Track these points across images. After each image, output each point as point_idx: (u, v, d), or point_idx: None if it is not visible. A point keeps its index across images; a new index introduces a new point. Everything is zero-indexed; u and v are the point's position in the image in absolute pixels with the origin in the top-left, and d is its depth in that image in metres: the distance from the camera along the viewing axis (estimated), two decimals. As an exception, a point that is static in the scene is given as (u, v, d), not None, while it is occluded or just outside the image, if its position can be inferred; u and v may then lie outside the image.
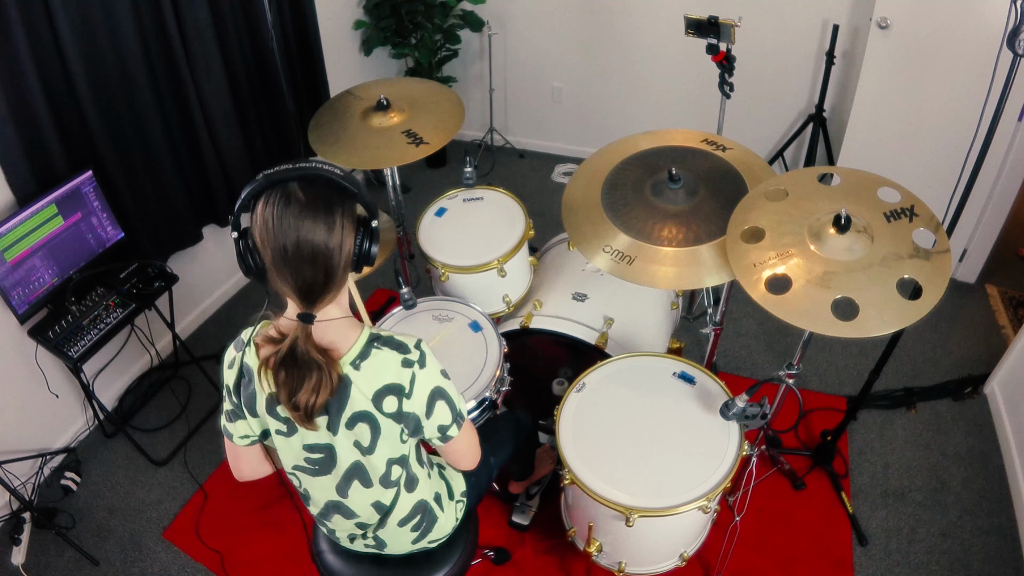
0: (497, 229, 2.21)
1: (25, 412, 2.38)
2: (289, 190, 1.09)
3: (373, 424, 1.20)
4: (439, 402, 1.24)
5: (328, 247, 1.10)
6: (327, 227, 1.09)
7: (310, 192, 1.09)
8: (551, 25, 3.71)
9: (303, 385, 1.12)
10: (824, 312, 1.44)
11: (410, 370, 1.19)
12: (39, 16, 2.06)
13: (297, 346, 1.12)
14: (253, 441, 1.31)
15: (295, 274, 1.10)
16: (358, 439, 1.22)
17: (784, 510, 2.21)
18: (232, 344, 1.26)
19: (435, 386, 1.24)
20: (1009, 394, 2.41)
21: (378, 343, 1.19)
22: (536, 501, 2.23)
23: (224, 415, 1.30)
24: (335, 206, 1.11)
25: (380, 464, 1.27)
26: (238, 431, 1.29)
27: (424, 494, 1.42)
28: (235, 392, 1.25)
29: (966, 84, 2.54)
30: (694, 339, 2.84)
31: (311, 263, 1.09)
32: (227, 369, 1.25)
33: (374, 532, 1.41)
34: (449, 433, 1.28)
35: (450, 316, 2.09)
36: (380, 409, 1.19)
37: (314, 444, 1.24)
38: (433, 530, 1.47)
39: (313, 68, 3.20)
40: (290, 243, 1.08)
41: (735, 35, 2.09)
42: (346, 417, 1.19)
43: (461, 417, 1.30)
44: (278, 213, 1.07)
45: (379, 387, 1.18)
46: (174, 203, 2.69)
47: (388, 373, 1.18)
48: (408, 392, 1.19)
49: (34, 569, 2.21)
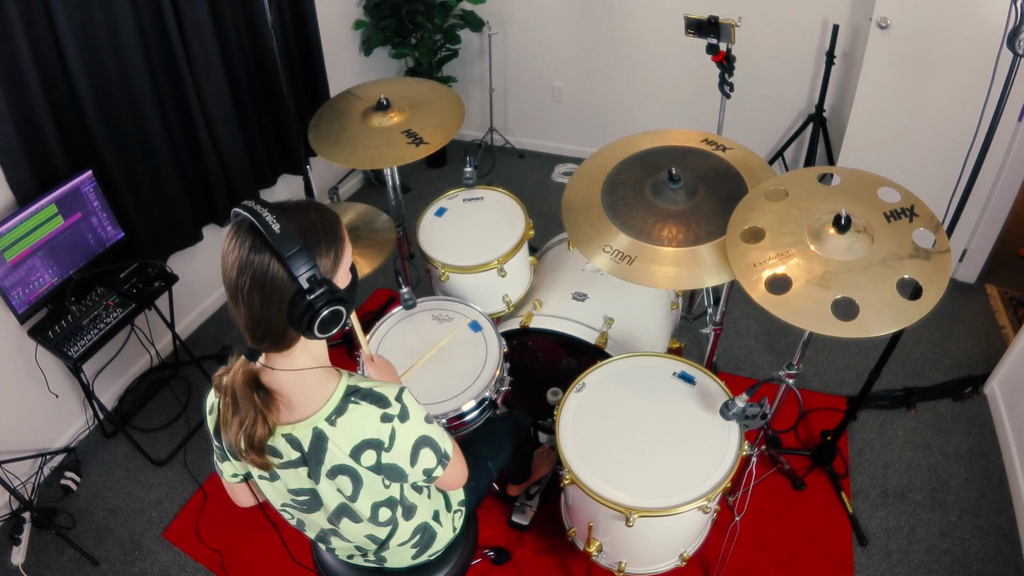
0: (497, 229, 2.21)
1: (25, 412, 2.38)
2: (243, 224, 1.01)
3: (354, 476, 1.17)
4: (423, 449, 1.20)
5: (262, 286, 1.01)
6: (258, 265, 1.00)
7: (254, 229, 1.00)
8: (551, 25, 3.71)
9: (232, 423, 1.09)
10: (824, 312, 1.44)
11: (390, 425, 1.14)
12: (39, 16, 2.06)
13: (236, 380, 1.09)
14: (242, 479, 1.31)
15: (236, 306, 1.04)
16: (340, 488, 1.19)
17: (784, 510, 2.21)
18: (211, 390, 1.22)
19: (418, 436, 1.19)
20: (1009, 394, 2.41)
21: (356, 397, 1.13)
22: (536, 501, 2.23)
23: (215, 453, 1.29)
24: (266, 276, 1.01)
25: (365, 510, 1.24)
26: (227, 471, 1.29)
27: (423, 517, 1.40)
28: (216, 436, 1.23)
29: (966, 84, 2.54)
30: (694, 339, 2.84)
31: (246, 298, 1.02)
32: (208, 415, 1.23)
33: (375, 553, 1.41)
34: (435, 474, 1.25)
35: (450, 316, 2.09)
36: (359, 462, 1.15)
37: (299, 488, 1.21)
38: (433, 544, 1.47)
39: (313, 68, 3.20)
40: (231, 273, 1.01)
41: (735, 35, 2.09)
42: (325, 469, 1.16)
43: (447, 457, 1.25)
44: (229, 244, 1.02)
45: (357, 443, 1.13)
46: (174, 203, 2.69)
47: (366, 429, 1.13)
48: (388, 446, 1.15)
49: (34, 569, 2.21)
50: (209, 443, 1.26)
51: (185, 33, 2.49)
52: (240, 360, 1.11)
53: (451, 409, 1.83)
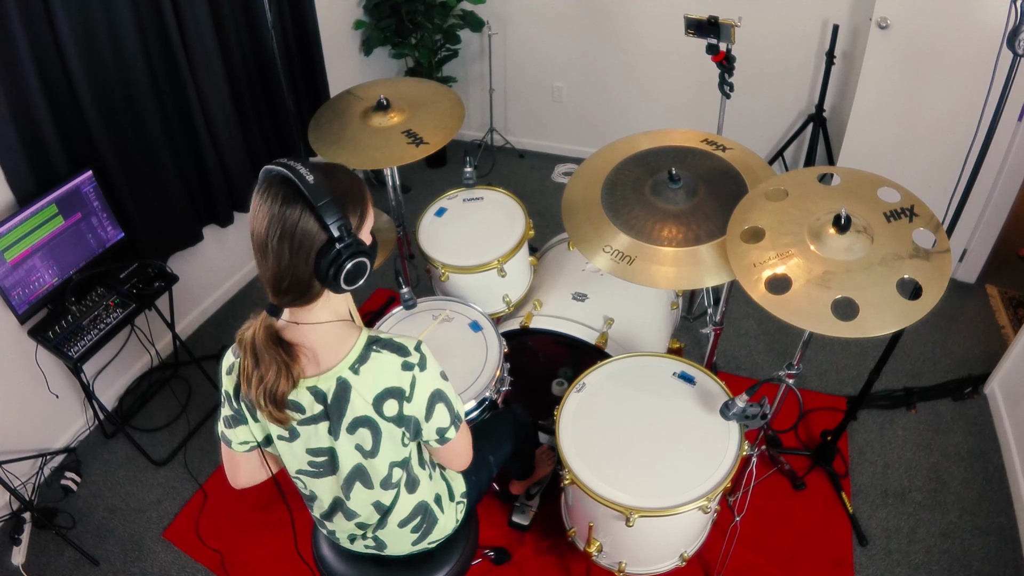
0: (497, 229, 2.21)
1: (25, 412, 2.38)
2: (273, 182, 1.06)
3: (374, 428, 1.20)
4: (438, 404, 1.24)
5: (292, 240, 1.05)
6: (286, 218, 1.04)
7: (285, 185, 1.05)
8: (551, 25, 3.71)
9: (252, 377, 1.11)
10: (824, 312, 1.44)
11: (410, 373, 1.18)
12: (39, 16, 2.06)
13: (256, 335, 1.11)
14: (252, 447, 1.30)
15: (262, 261, 1.09)
16: (360, 443, 1.22)
17: (784, 510, 2.21)
18: (230, 349, 1.24)
19: (435, 388, 1.23)
20: (1009, 394, 2.41)
21: (377, 346, 1.18)
22: (536, 501, 2.23)
23: (222, 421, 1.29)
24: (295, 203, 1.05)
25: (383, 467, 1.26)
26: (238, 437, 1.28)
27: (424, 495, 1.41)
28: (235, 398, 1.24)
29: (966, 84, 2.54)
30: (694, 339, 2.84)
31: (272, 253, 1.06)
32: (225, 375, 1.24)
33: (374, 532, 1.41)
34: (447, 435, 1.28)
35: (450, 316, 2.09)
36: (381, 413, 1.18)
37: (316, 448, 1.23)
38: (433, 531, 1.47)
39: (313, 68, 3.20)
40: (259, 229, 1.07)
41: (735, 35, 2.09)
42: (347, 422, 1.18)
43: (459, 419, 1.29)
44: (258, 202, 1.07)
45: (379, 391, 1.17)
46: (174, 203, 2.69)
47: (388, 376, 1.17)
48: (409, 396, 1.19)
49: (34, 569, 2.21)
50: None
51: (185, 33, 2.49)
52: (261, 316, 1.12)
53: (451, 409, 1.83)
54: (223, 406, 1.28)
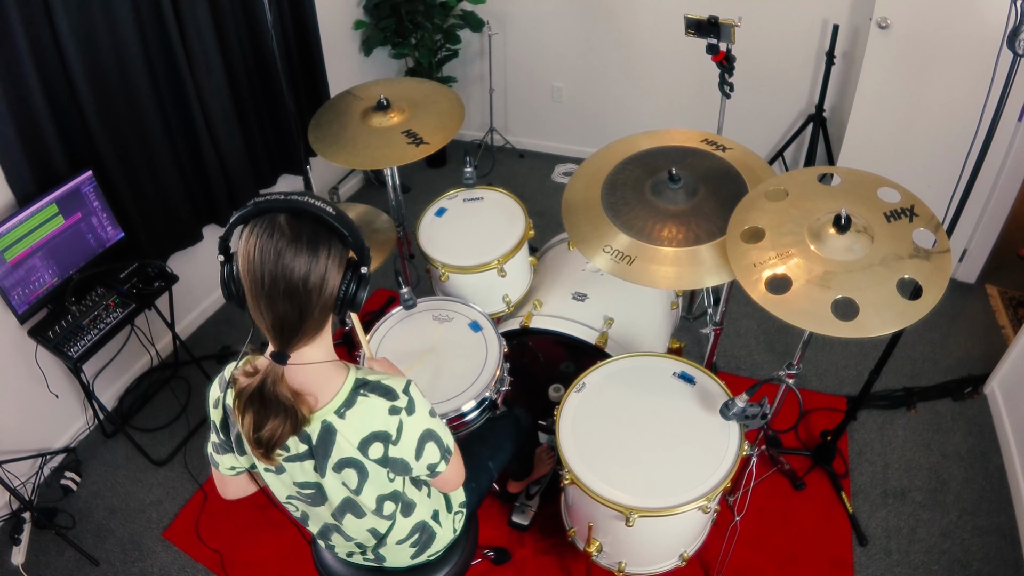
0: (497, 229, 2.21)
1: (25, 412, 2.38)
2: (276, 221, 1.03)
3: (360, 469, 1.17)
4: (428, 443, 1.21)
5: (307, 285, 1.04)
6: (308, 264, 1.03)
7: (296, 226, 1.03)
8: (551, 25, 3.71)
9: (266, 423, 1.07)
10: (824, 312, 1.44)
11: (397, 417, 1.15)
12: (39, 16, 2.06)
13: (265, 385, 1.07)
14: (239, 472, 1.30)
15: (270, 309, 1.04)
16: (346, 481, 1.19)
17: (784, 510, 2.21)
18: (216, 381, 1.22)
19: (424, 430, 1.20)
20: (1009, 394, 2.41)
21: (364, 390, 1.14)
22: (536, 501, 2.23)
23: (210, 445, 1.28)
24: (320, 244, 1.05)
25: (371, 502, 1.25)
26: (224, 463, 1.27)
27: (422, 515, 1.40)
28: (222, 430, 1.22)
29: (966, 84, 2.54)
30: (694, 339, 2.84)
31: (286, 299, 1.03)
32: (212, 408, 1.23)
33: (374, 551, 1.41)
34: (438, 470, 1.26)
35: (450, 316, 2.09)
36: (366, 455, 1.16)
37: (304, 482, 1.21)
38: (432, 544, 1.47)
39: (313, 68, 3.20)
40: (267, 275, 1.02)
41: (735, 35, 2.09)
42: (332, 462, 1.16)
43: (449, 452, 1.26)
44: (261, 243, 1.02)
45: (365, 435, 1.14)
46: (174, 203, 2.69)
47: (375, 421, 1.14)
48: (395, 439, 1.16)
49: (34, 569, 2.21)
50: (208, 433, 1.26)
51: (185, 33, 2.49)
52: (267, 365, 1.08)
53: (451, 409, 1.83)
54: (211, 432, 1.26)
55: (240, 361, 1.16)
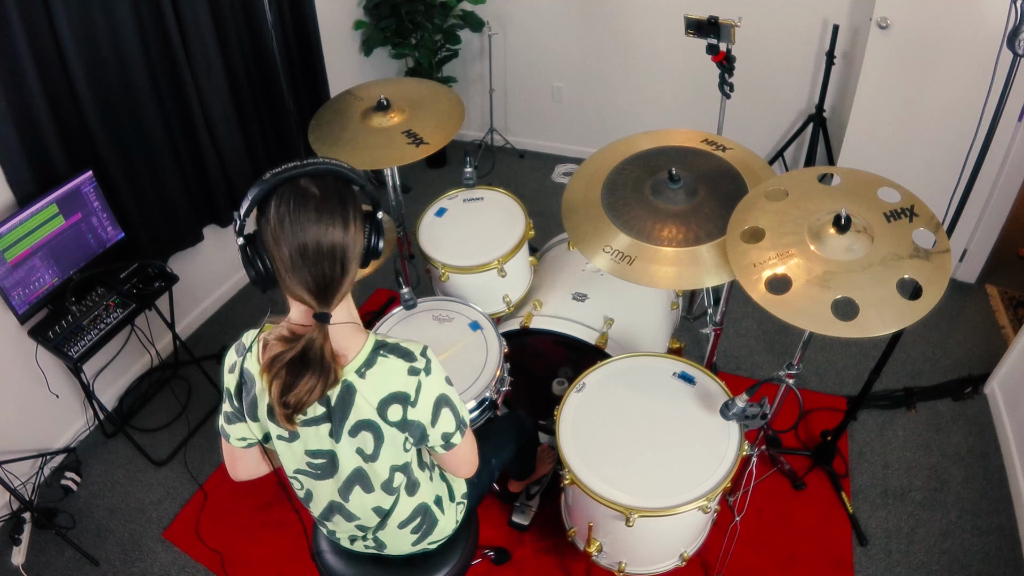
0: (497, 229, 2.21)
1: (25, 412, 2.38)
2: (302, 187, 1.08)
3: (377, 432, 1.19)
4: (444, 409, 1.23)
5: (344, 241, 1.10)
6: (343, 221, 1.09)
7: (323, 187, 1.09)
8: (551, 25, 3.71)
9: (298, 383, 1.09)
10: (824, 312, 1.44)
11: (416, 378, 1.18)
12: (39, 16, 2.06)
13: (312, 347, 1.09)
14: (251, 444, 1.30)
15: (314, 271, 1.08)
16: (361, 447, 1.21)
17: (784, 510, 2.21)
18: (233, 347, 1.24)
19: (440, 393, 1.22)
20: (1009, 394, 2.41)
21: (384, 351, 1.17)
22: (536, 501, 2.23)
23: (222, 416, 1.29)
24: (348, 200, 1.12)
25: (383, 471, 1.26)
26: (236, 433, 1.28)
27: (425, 497, 1.41)
28: (236, 397, 1.23)
29: (966, 84, 2.54)
30: (694, 339, 2.84)
31: (330, 259, 1.08)
32: (227, 373, 1.24)
33: (374, 534, 1.41)
34: (453, 441, 1.27)
35: (450, 316, 2.09)
36: (384, 418, 1.18)
37: (316, 450, 1.23)
38: (434, 532, 1.47)
39: (313, 68, 3.20)
40: (310, 240, 1.06)
41: (735, 35, 2.09)
42: (349, 425, 1.18)
43: (464, 424, 1.29)
44: (294, 211, 1.06)
45: (384, 395, 1.16)
46: (174, 203, 2.69)
47: (394, 381, 1.16)
48: (414, 400, 1.18)
49: (34, 569, 2.21)
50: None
51: (185, 33, 2.50)
52: (314, 327, 1.10)
53: (451, 409, 1.83)
54: (224, 401, 1.28)
55: (260, 330, 1.19)
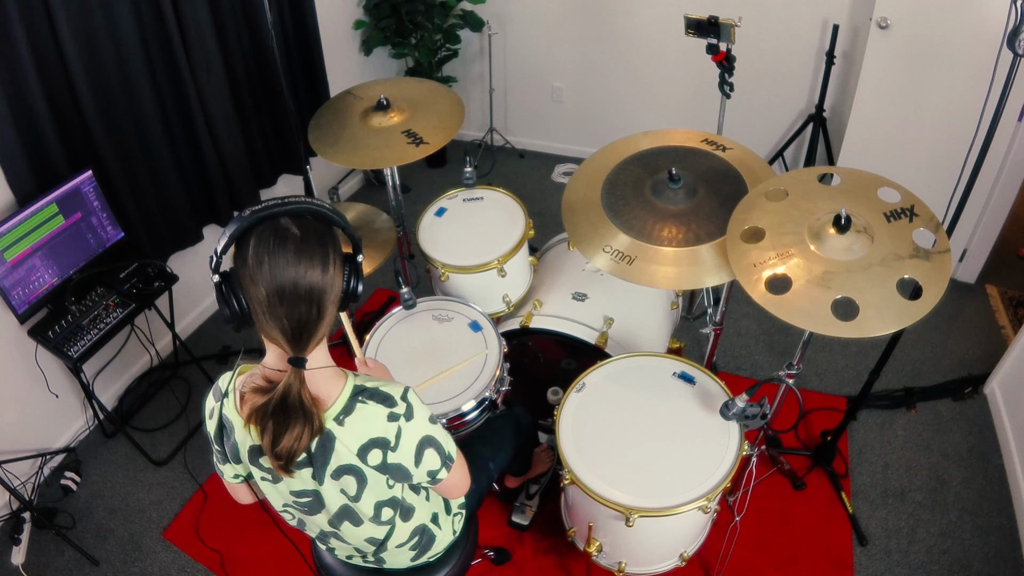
0: (497, 229, 2.21)
1: (25, 412, 2.38)
2: (282, 226, 1.03)
3: (359, 476, 1.17)
4: (428, 450, 1.20)
5: (323, 284, 1.06)
6: (322, 263, 1.05)
7: (303, 227, 1.05)
8: (551, 25, 3.71)
9: (285, 433, 1.06)
10: (824, 312, 1.44)
11: (396, 424, 1.14)
12: (39, 16, 2.06)
13: (290, 393, 1.06)
14: (244, 479, 1.31)
15: (290, 314, 1.04)
16: (344, 488, 1.19)
17: (784, 510, 2.21)
18: (211, 393, 1.22)
19: (423, 436, 1.19)
20: (1009, 394, 2.41)
21: (363, 396, 1.14)
22: (536, 501, 2.22)
23: (215, 455, 1.28)
24: (327, 241, 1.07)
25: (368, 509, 1.24)
26: (228, 472, 1.28)
27: (421, 519, 1.40)
28: (217, 441, 1.22)
29: (966, 84, 2.54)
30: (694, 339, 2.84)
31: (307, 301, 1.05)
32: (208, 419, 1.22)
33: (374, 555, 1.41)
34: (439, 477, 1.25)
35: (450, 316, 2.09)
36: (365, 462, 1.15)
37: (301, 490, 1.21)
38: (432, 547, 1.47)
39: (313, 68, 3.20)
40: (287, 282, 1.02)
41: (735, 35, 2.09)
42: (331, 470, 1.15)
43: (451, 459, 1.25)
44: (272, 250, 1.02)
45: (364, 442, 1.13)
46: (174, 203, 2.69)
47: (373, 428, 1.13)
48: (394, 446, 1.15)
49: (34, 569, 2.21)
50: (208, 443, 1.26)
51: (185, 33, 2.49)
52: (289, 372, 1.07)
53: (451, 409, 1.83)
54: (212, 443, 1.25)
55: (234, 374, 1.16)
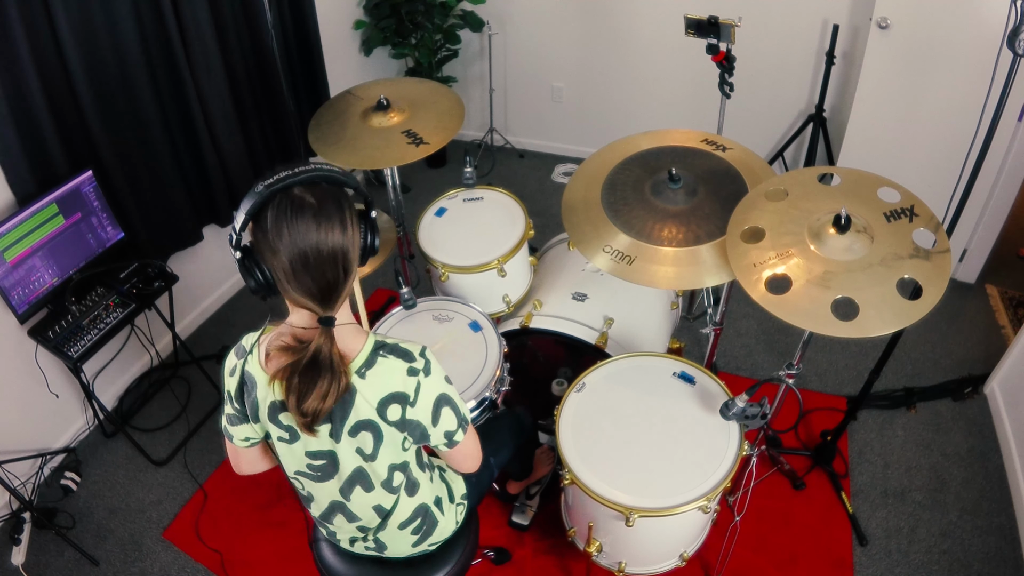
0: (497, 229, 2.21)
1: (25, 412, 2.38)
2: (297, 195, 1.08)
3: (376, 432, 1.20)
4: (444, 408, 1.24)
5: (344, 244, 1.10)
6: (341, 225, 1.10)
7: (318, 194, 1.09)
8: (551, 25, 3.71)
9: (313, 391, 1.10)
10: (824, 312, 1.44)
11: (415, 379, 1.18)
12: (39, 16, 2.06)
13: (321, 351, 1.10)
14: (254, 443, 1.32)
15: (317, 278, 1.09)
16: (361, 447, 1.22)
17: (784, 510, 2.21)
18: (233, 350, 1.25)
19: (440, 393, 1.23)
20: (1009, 394, 2.41)
21: (383, 351, 1.18)
22: (536, 501, 2.23)
23: (225, 417, 1.30)
24: (343, 203, 1.12)
25: (383, 470, 1.27)
26: (239, 434, 1.29)
27: (425, 498, 1.41)
28: (237, 399, 1.24)
29: (966, 84, 2.54)
30: (694, 339, 2.84)
31: (332, 263, 1.09)
32: (228, 376, 1.25)
33: (375, 535, 1.41)
34: (455, 438, 1.28)
35: (450, 316, 2.09)
36: (384, 417, 1.18)
37: (317, 451, 1.24)
38: (434, 533, 1.47)
39: (313, 68, 3.20)
40: (311, 247, 1.06)
41: (735, 35, 2.09)
42: (349, 425, 1.18)
43: (466, 421, 1.30)
44: (291, 220, 1.06)
45: (384, 396, 1.17)
46: (174, 203, 2.69)
47: (393, 382, 1.17)
48: (412, 400, 1.19)
49: (34, 569, 2.21)
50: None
51: (185, 33, 2.49)
52: (320, 330, 1.11)
53: (451, 409, 1.83)
54: (225, 403, 1.28)
55: (260, 333, 1.20)
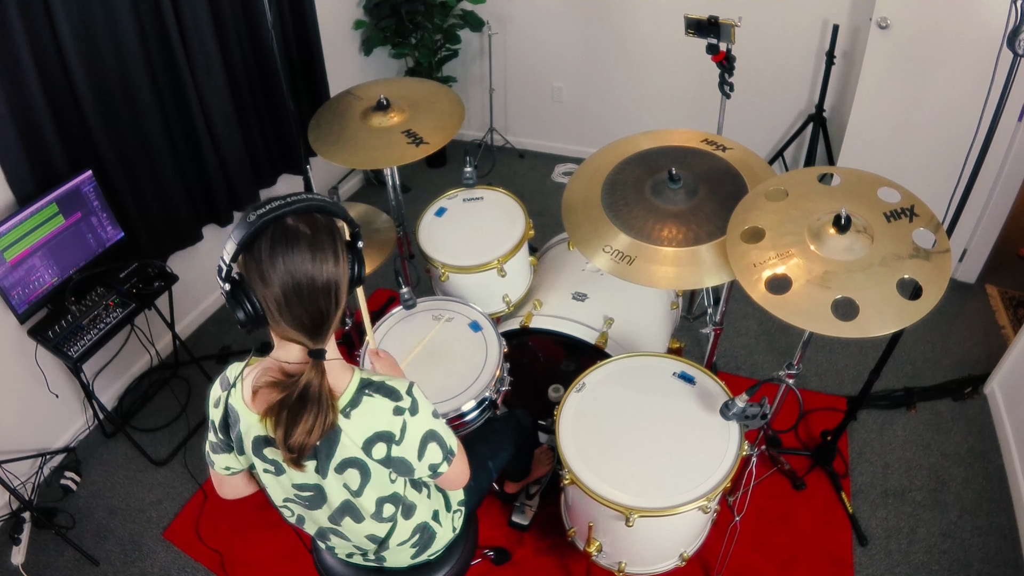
0: (497, 229, 2.21)
1: (25, 412, 2.38)
2: (291, 225, 1.05)
3: (363, 469, 1.18)
4: (431, 444, 1.21)
5: (337, 276, 1.08)
6: (334, 257, 1.08)
7: (312, 224, 1.06)
8: (551, 25, 3.71)
9: (299, 425, 1.07)
10: (824, 312, 1.44)
11: (401, 418, 1.16)
12: (39, 16, 2.06)
13: (311, 385, 1.08)
14: (235, 472, 1.30)
15: (310, 309, 1.07)
16: (347, 483, 1.20)
17: (784, 510, 2.21)
18: (218, 380, 1.22)
19: (427, 430, 1.20)
20: (1009, 394, 2.41)
21: (369, 390, 1.15)
22: (536, 501, 2.22)
23: (208, 444, 1.28)
24: (335, 234, 1.09)
25: (370, 505, 1.25)
26: (220, 463, 1.27)
27: (423, 516, 1.40)
28: (221, 430, 1.22)
29: (966, 84, 2.54)
30: (694, 339, 2.84)
31: (324, 295, 1.07)
32: (212, 407, 1.23)
33: (375, 552, 1.41)
34: (440, 470, 1.26)
35: (450, 316, 2.09)
36: (370, 455, 1.16)
37: (303, 483, 1.22)
38: (433, 544, 1.47)
39: (313, 68, 3.20)
40: (305, 278, 1.04)
41: (735, 35, 2.09)
42: (335, 462, 1.16)
43: (452, 453, 1.26)
44: (285, 250, 1.03)
45: (369, 435, 1.15)
46: (174, 203, 2.69)
47: (379, 421, 1.15)
48: (399, 439, 1.16)
49: (34, 569, 2.21)
50: (205, 431, 1.25)
51: (185, 33, 2.49)
52: (310, 364, 1.09)
53: (451, 409, 1.83)
54: (209, 431, 1.26)
55: (243, 365, 1.17)
